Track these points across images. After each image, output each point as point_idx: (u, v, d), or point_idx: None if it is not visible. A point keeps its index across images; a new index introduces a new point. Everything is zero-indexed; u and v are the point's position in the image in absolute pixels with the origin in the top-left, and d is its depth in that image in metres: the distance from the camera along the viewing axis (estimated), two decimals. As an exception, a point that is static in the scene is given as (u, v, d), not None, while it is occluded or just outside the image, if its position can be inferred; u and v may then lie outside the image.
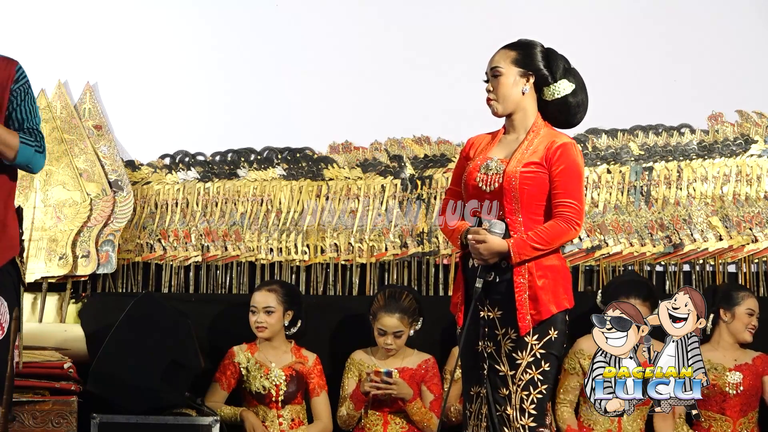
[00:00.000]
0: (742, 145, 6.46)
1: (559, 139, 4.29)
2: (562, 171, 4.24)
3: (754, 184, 6.41)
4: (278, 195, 6.59)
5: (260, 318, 5.82)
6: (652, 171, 6.48)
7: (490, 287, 4.27)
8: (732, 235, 6.33)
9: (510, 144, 4.37)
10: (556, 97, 4.35)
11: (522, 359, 4.22)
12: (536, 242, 4.20)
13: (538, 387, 4.22)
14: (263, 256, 6.48)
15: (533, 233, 4.21)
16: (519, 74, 4.33)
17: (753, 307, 5.83)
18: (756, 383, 5.82)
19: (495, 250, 4.19)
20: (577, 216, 4.24)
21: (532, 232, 4.21)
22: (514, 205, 4.25)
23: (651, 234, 6.37)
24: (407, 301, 5.82)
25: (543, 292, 4.21)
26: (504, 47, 4.38)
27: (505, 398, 4.23)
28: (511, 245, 4.19)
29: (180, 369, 5.62)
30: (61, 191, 6.40)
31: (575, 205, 4.24)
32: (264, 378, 5.78)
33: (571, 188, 4.25)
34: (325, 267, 6.51)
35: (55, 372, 5.51)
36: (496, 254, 4.20)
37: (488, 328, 4.28)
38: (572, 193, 4.25)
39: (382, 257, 6.46)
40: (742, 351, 5.86)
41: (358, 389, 5.74)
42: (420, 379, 5.83)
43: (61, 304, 6.30)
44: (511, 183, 4.24)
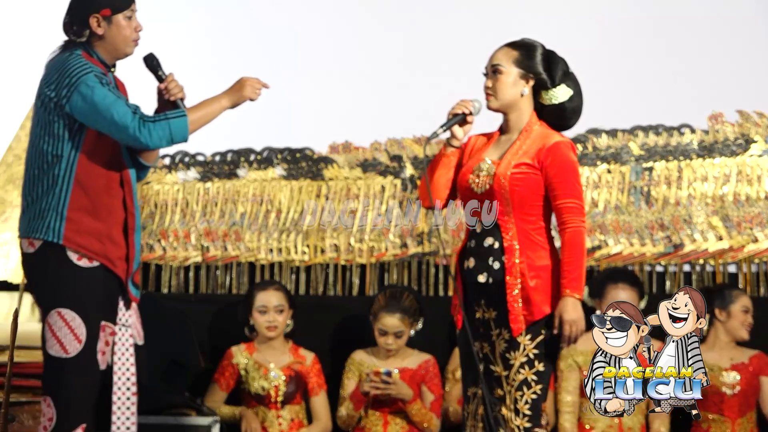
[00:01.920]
0: (742, 145, 6.45)
1: (551, 139, 4.28)
2: (557, 172, 4.24)
3: (754, 184, 6.40)
4: (278, 195, 6.59)
5: (272, 317, 5.81)
6: (653, 171, 6.47)
7: (484, 288, 4.28)
8: (732, 235, 6.32)
9: (503, 145, 4.36)
10: (553, 102, 4.35)
11: (515, 360, 4.22)
12: (572, 268, 4.20)
13: (532, 387, 4.22)
14: (263, 256, 6.48)
15: (563, 267, 4.21)
16: (519, 75, 4.32)
17: (747, 304, 5.84)
18: (754, 382, 5.81)
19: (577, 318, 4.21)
20: (579, 213, 4.25)
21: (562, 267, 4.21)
22: (505, 207, 4.25)
23: (651, 234, 6.36)
24: (408, 302, 5.82)
25: (535, 293, 4.21)
26: (507, 45, 4.36)
27: (500, 399, 4.23)
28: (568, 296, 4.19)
29: (180, 369, 5.62)
30: (61, 191, 6.39)
31: (576, 204, 4.24)
32: (263, 378, 5.78)
33: (569, 188, 4.24)
34: (325, 267, 6.51)
35: (55, 372, 5.50)
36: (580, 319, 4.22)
37: (483, 328, 4.29)
38: (570, 192, 4.24)
39: (382, 257, 6.46)
40: (738, 350, 5.86)
41: (358, 389, 5.74)
42: (420, 380, 5.83)
43: (61, 304, 6.29)
44: (501, 184, 4.23)
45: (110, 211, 4.12)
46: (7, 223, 6.36)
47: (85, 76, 4.02)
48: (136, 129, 4.00)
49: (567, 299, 4.19)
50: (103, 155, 4.11)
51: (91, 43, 4.15)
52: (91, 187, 4.08)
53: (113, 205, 4.13)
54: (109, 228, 4.11)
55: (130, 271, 4.17)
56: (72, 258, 4.05)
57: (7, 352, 5.03)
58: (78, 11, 4.14)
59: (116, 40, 4.15)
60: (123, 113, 3.99)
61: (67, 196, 4.06)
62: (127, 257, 4.16)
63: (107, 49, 4.16)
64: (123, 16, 4.14)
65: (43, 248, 4.07)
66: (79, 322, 4.04)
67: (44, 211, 4.07)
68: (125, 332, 4.18)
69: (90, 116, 4.01)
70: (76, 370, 4.04)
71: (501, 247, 4.24)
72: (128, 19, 4.16)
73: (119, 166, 4.15)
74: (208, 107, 4.18)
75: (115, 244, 4.11)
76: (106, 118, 3.99)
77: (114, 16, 4.13)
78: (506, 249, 4.22)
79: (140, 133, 4.00)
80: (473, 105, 4.35)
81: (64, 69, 4.05)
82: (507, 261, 4.22)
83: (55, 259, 4.06)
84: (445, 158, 4.40)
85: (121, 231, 4.14)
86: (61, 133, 4.07)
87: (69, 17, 4.17)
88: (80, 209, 4.06)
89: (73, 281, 4.05)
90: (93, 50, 4.14)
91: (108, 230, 4.10)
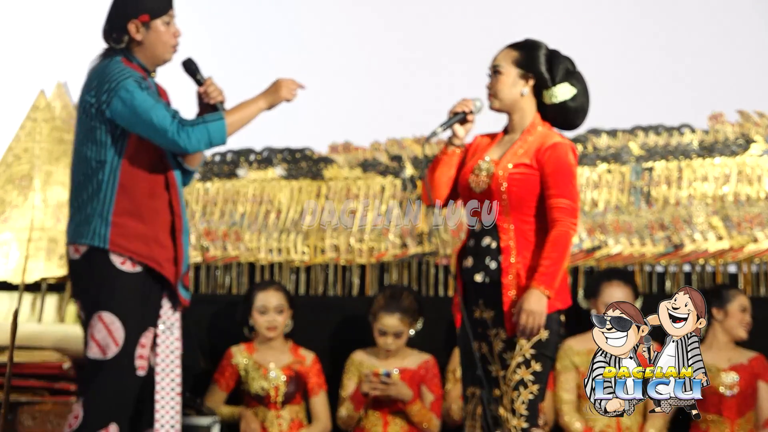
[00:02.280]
0: (742, 144, 6.44)
1: (551, 140, 4.28)
2: (553, 171, 4.23)
3: (754, 184, 6.40)
4: (278, 195, 6.59)
5: (272, 317, 5.81)
6: (653, 171, 6.47)
7: (483, 289, 4.28)
8: (732, 235, 6.32)
9: (505, 145, 4.36)
10: (554, 101, 4.34)
11: (512, 360, 4.22)
12: (549, 264, 4.17)
13: (529, 387, 4.22)
14: (263, 256, 6.48)
15: (541, 262, 4.18)
16: (519, 75, 4.32)
17: (744, 304, 5.84)
18: (752, 383, 5.81)
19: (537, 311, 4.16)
20: (571, 215, 4.22)
21: (540, 262, 4.18)
22: (503, 207, 4.25)
23: (651, 234, 6.36)
24: (407, 302, 5.82)
25: None
26: (508, 46, 4.37)
27: (497, 399, 4.23)
28: (535, 288, 4.15)
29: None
30: (61, 191, 6.39)
31: (568, 204, 4.22)
32: (263, 379, 5.78)
33: (562, 186, 4.23)
34: (325, 267, 6.50)
35: (54, 372, 5.51)
36: (540, 314, 4.16)
37: (482, 328, 4.29)
38: (564, 191, 4.23)
39: (381, 257, 6.46)
40: (736, 351, 5.86)
41: (358, 390, 5.74)
42: (420, 380, 5.83)
43: (61, 305, 6.30)
44: (498, 184, 4.23)
45: (156, 214, 4.13)
46: (6, 223, 6.37)
47: (125, 81, 4.04)
48: (175, 132, 4.02)
49: (532, 290, 4.14)
50: (147, 159, 4.13)
51: (131, 49, 4.17)
52: (136, 191, 4.09)
53: (158, 208, 4.14)
54: (155, 231, 4.11)
55: (179, 273, 4.17)
56: (115, 262, 4.06)
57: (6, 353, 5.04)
58: (117, 18, 4.17)
59: (155, 45, 4.17)
60: (162, 117, 4.02)
61: (112, 201, 4.07)
62: (176, 259, 4.16)
63: (146, 55, 4.18)
64: (161, 21, 4.17)
65: (88, 254, 4.09)
66: (118, 325, 4.04)
67: (89, 216, 4.08)
68: (170, 335, 4.19)
69: (130, 121, 4.04)
70: (111, 372, 4.05)
71: (498, 247, 4.24)
72: (167, 25, 4.18)
73: (164, 168, 4.16)
74: (245, 109, 4.21)
75: (162, 246, 4.12)
76: (146, 122, 4.02)
77: (152, 22, 4.15)
78: (503, 249, 4.22)
79: (179, 137, 4.03)
80: (474, 104, 4.35)
81: (104, 75, 4.08)
82: (503, 261, 4.21)
83: (99, 264, 4.07)
84: (446, 157, 4.40)
85: (168, 233, 4.15)
86: (103, 139, 4.09)
87: (108, 24, 4.20)
88: (125, 213, 4.07)
89: (114, 285, 4.06)
90: (133, 56, 4.16)
91: (154, 233, 4.11)
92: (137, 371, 4.09)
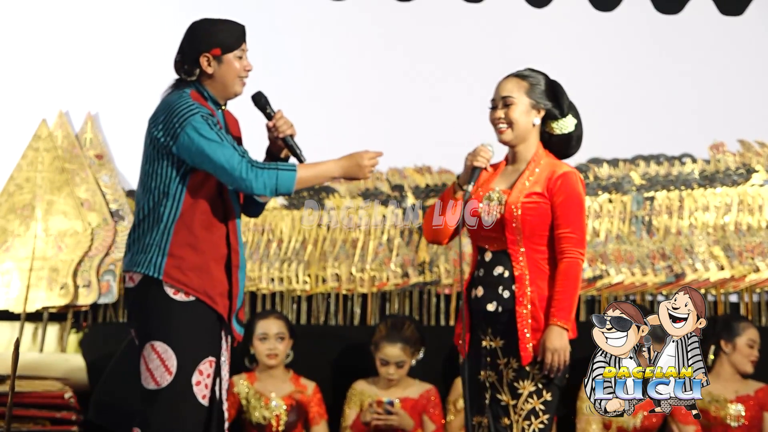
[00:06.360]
0: (743, 174, 6.46)
1: (560, 169, 4.28)
2: (563, 201, 4.24)
3: (755, 214, 6.41)
4: (279, 224, 6.59)
5: (273, 345, 5.80)
6: (654, 200, 6.48)
7: (492, 317, 4.27)
8: (734, 264, 6.32)
9: (511, 175, 4.36)
10: (563, 132, 4.35)
11: (523, 389, 4.21)
12: (563, 298, 4.18)
13: (540, 417, 4.21)
14: (264, 285, 6.47)
15: (555, 296, 4.19)
16: (531, 105, 4.32)
17: (754, 338, 5.81)
18: (758, 415, 5.80)
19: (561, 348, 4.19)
20: (579, 245, 4.23)
21: (554, 295, 4.20)
22: (516, 236, 4.25)
23: (653, 263, 6.36)
24: (409, 331, 5.81)
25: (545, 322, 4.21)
26: (514, 76, 4.36)
27: (506, 428, 4.22)
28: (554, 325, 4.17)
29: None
30: (63, 221, 6.39)
31: (576, 236, 4.23)
32: (264, 408, 5.77)
33: (572, 218, 4.24)
34: (327, 297, 6.50)
35: (56, 402, 5.50)
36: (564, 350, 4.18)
37: (490, 357, 4.27)
38: (572, 222, 4.24)
39: (383, 287, 6.45)
40: (743, 382, 5.85)
41: (359, 419, 5.73)
42: (422, 410, 5.82)
43: (62, 334, 6.29)
44: (512, 213, 4.23)
45: (212, 247, 4.08)
46: (8, 252, 6.36)
47: (191, 117, 4.00)
48: (242, 172, 3.97)
49: (552, 327, 4.17)
50: (210, 193, 4.09)
51: (202, 82, 4.13)
52: (195, 224, 4.05)
53: (215, 242, 4.09)
54: (210, 264, 4.08)
55: (234, 308, 4.13)
56: (168, 292, 4.03)
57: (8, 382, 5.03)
58: (189, 50, 4.12)
59: (225, 79, 4.12)
60: (230, 156, 3.97)
61: (170, 233, 4.04)
62: (230, 294, 4.12)
63: (217, 88, 4.14)
64: (233, 55, 4.12)
65: (142, 283, 4.06)
66: (170, 354, 4.01)
67: (147, 246, 4.05)
68: (224, 368, 4.16)
69: (196, 157, 4.00)
70: (165, 401, 4.00)
71: (511, 276, 4.23)
72: (239, 59, 4.13)
73: (225, 203, 4.13)
74: (318, 171, 4.15)
75: (215, 280, 4.07)
76: (212, 160, 3.98)
77: (225, 56, 4.10)
78: (517, 278, 4.22)
79: (247, 177, 3.98)
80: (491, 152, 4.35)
81: (172, 110, 4.04)
82: (518, 290, 4.21)
83: (153, 294, 4.03)
84: (454, 201, 4.40)
85: (222, 267, 4.11)
86: (168, 173, 4.06)
87: (180, 56, 4.15)
88: (183, 245, 4.04)
89: (167, 314, 4.03)
90: (203, 88, 4.13)
91: (208, 266, 4.07)
92: (198, 399, 4.04)
